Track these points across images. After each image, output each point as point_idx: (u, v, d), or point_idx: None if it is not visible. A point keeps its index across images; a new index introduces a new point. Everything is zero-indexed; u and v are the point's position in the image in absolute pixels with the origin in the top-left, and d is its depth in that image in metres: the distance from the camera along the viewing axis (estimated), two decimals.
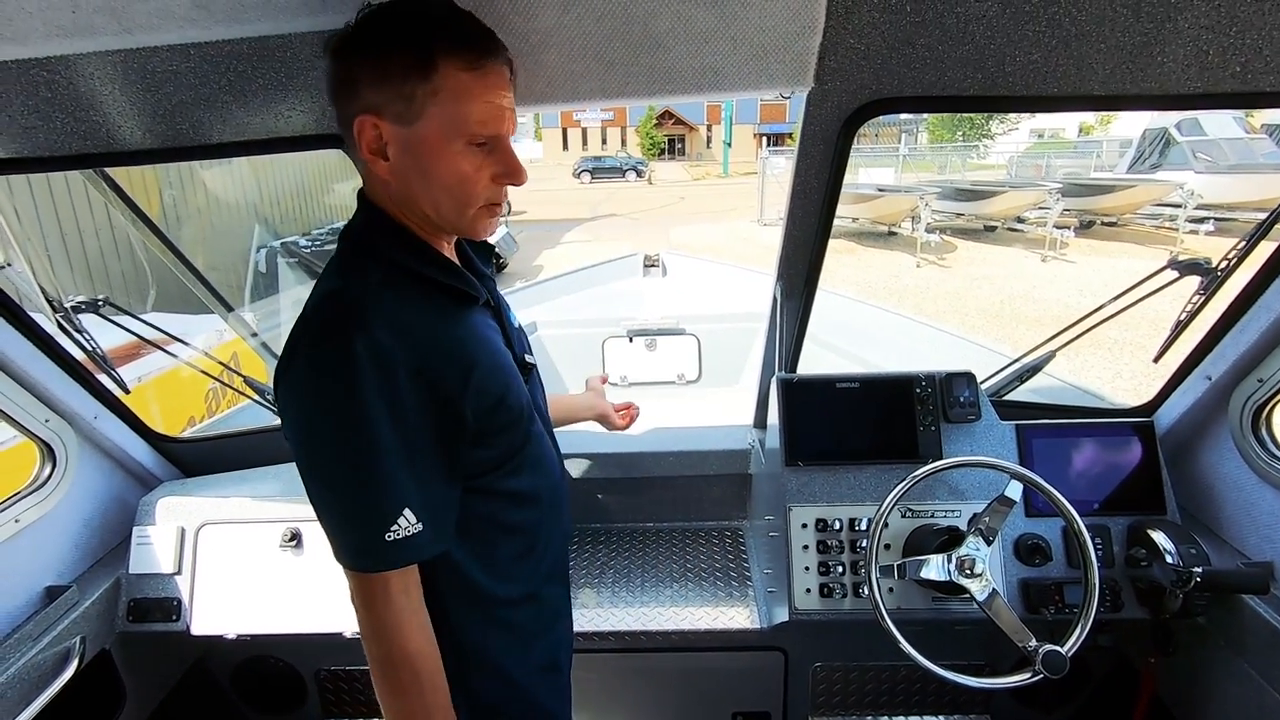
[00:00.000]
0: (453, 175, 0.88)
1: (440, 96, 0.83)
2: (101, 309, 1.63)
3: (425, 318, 0.89)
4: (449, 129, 0.85)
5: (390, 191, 0.91)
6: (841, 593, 1.51)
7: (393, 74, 0.82)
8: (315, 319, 0.87)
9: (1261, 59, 1.01)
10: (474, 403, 0.90)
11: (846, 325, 3.43)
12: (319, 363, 0.83)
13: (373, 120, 0.85)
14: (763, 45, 1.06)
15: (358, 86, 0.84)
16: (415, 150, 0.86)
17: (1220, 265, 1.39)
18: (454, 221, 0.93)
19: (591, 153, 42.32)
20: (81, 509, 1.69)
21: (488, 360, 0.94)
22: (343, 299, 0.86)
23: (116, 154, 1.22)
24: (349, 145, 0.91)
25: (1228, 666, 1.43)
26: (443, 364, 0.88)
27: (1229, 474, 1.51)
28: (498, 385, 0.95)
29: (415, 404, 0.85)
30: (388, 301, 0.86)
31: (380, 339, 0.82)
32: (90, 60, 1.04)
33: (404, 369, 0.84)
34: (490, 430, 0.94)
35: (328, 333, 0.84)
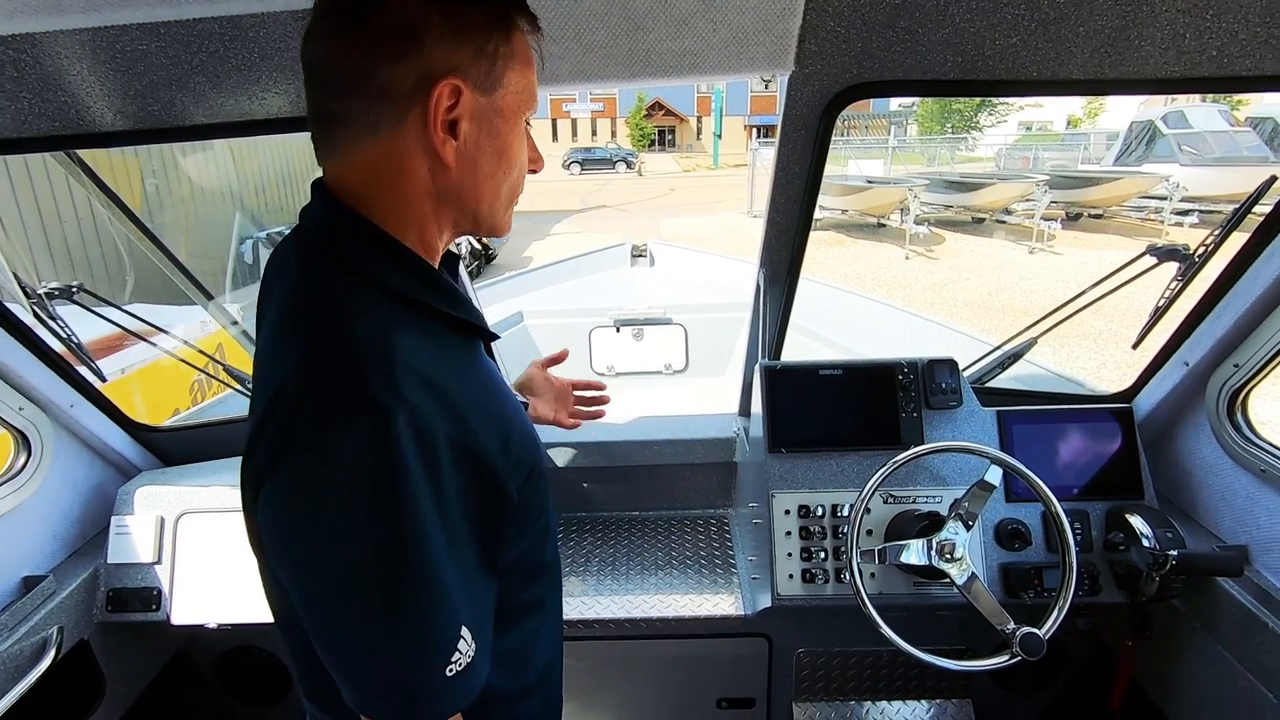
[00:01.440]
0: (519, 157, 0.75)
1: (515, 61, 0.70)
2: (76, 296, 1.61)
3: (446, 368, 0.68)
4: (520, 101, 0.72)
5: (438, 183, 0.71)
6: (824, 578, 1.52)
7: (476, 26, 0.66)
8: (312, 387, 0.61)
9: (1237, 43, 1.01)
10: (514, 470, 0.72)
11: (832, 315, 3.44)
12: (338, 452, 0.59)
13: (455, 84, 0.65)
14: (742, 28, 1.05)
15: (422, 40, 0.64)
16: (492, 125, 0.71)
17: (1197, 252, 1.40)
18: (500, 214, 0.78)
19: (581, 144, 42.15)
20: (59, 498, 1.67)
21: (517, 416, 0.76)
22: (351, 349, 0.62)
23: (86, 136, 1.19)
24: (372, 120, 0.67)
25: (1203, 648, 1.45)
26: (481, 424, 0.68)
27: (1205, 458, 1.53)
28: (530, 446, 0.77)
29: (457, 487, 0.64)
30: (406, 349, 0.64)
31: (418, 404, 0.61)
32: (57, 39, 1.02)
33: (444, 441, 0.63)
34: (527, 503, 0.76)
35: (346, 406, 0.60)
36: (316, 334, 0.64)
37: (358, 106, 0.66)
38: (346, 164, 0.70)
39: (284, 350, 0.66)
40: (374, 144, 0.68)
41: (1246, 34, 1.00)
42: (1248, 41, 1.01)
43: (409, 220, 0.71)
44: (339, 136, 0.69)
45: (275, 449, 0.61)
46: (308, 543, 0.60)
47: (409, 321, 0.67)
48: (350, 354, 0.62)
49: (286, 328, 0.68)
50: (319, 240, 0.71)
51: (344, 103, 0.67)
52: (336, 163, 0.71)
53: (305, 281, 0.69)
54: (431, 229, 0.74)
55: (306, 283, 0.69)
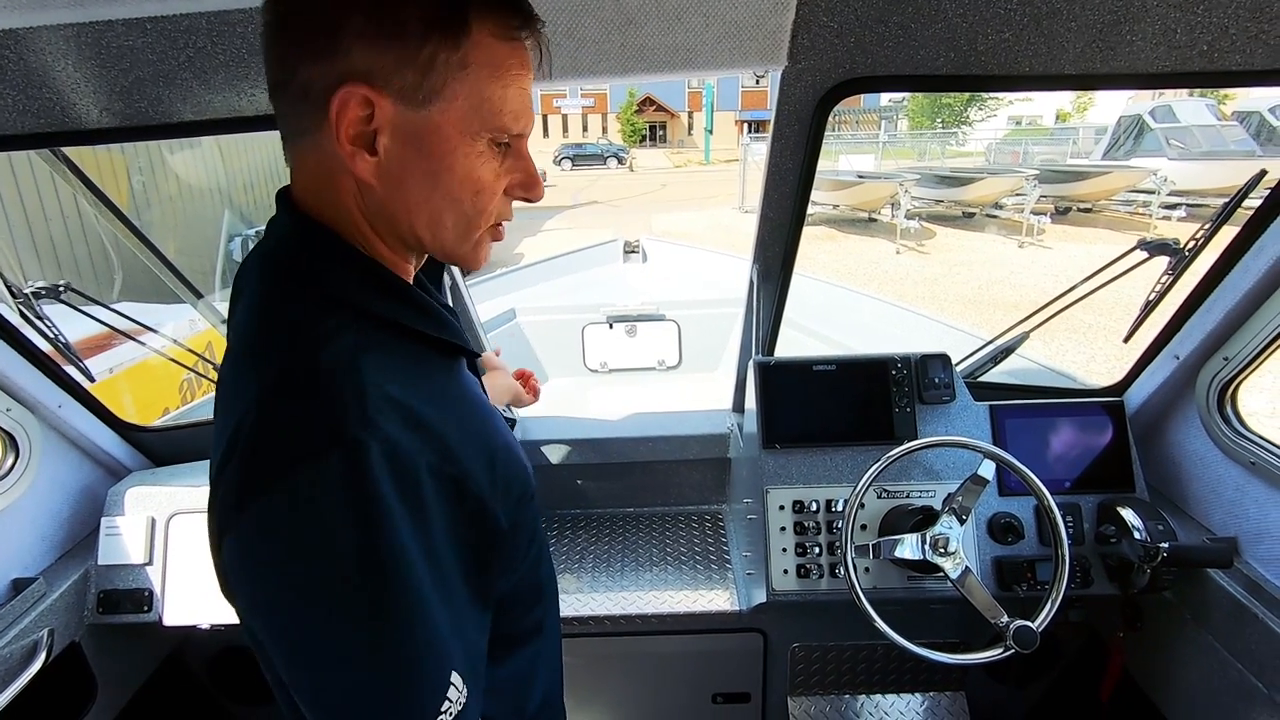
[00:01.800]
0: (468, 182, 0.64)
1: (469, 72, 0.60)
2: (63, 295, 1.59)
3: (424, 391, 0.62)
4: (473, 119, 0.62)
5: (365, 200, 0.64)
6: (818, 573, 1.52)
7: (407, 28, 0.58)
8: (275, 425, 0.56)
9: (1228, 37, 1.02)
10: (504, 500, 0.67)
11: (825, 310, 3.44)
12: (308, 493, 0.53)
13: (365, 93, 0.58)
14: (735, 23, 1.05)
15: (338, 39, 0.57)
16: (423, 143, 0.61)
17: (1188, 246, 1.41)
18: (451, 245, 0.67)
19: (572, 140, 42.03)
20: (48, 500, 1.65)
21: (503, 439, 0.70)
22: (316, 381, 0.57)
23: (72, 133, 1.18)
24: (301, 123, 0.62)
25: (1193, 639, 1.46)
26: (464, 452, 0.62)
27: (1195, 451, 1.54)
28: (518, 471, 0.71)
29: (444, 520, 0.59)
30: (378, 375, 0.58)
31: (394, 434, 0.56)
32: (41, 34, 1.01)
33: (427, 471, 0.58)
34: (517, 531, 0.70)
35: (315, 442, 0.54)
36: (277, 363, 0.59)
37: (285, 108, 0.62)
38: (296, 170, 0.66)
39: (243, 380, 0.60)
40: (306, 150, 0.63)
41: (1237, 29, 1.00)
42: (1238, 36, 1.01)
43: (355, 238, 0.66)
44: (283, 140, 0.65)
45: (238, 493, 0.55)
46: (281, 593, 0.55)
47: (381, 343, 0.62)
48: (314, 384, 0.56)
49: (245, 355, 0.62)
50: (280, 254, 0.65)
51: (276, 102, 0.63)
52: (291, 169, 0.66)
53: (265, 302, 0.63)
54: (380, 247, 0.67)
55: (266, 303, 0.63)
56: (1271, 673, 1.28)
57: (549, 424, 2.08)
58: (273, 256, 0.65)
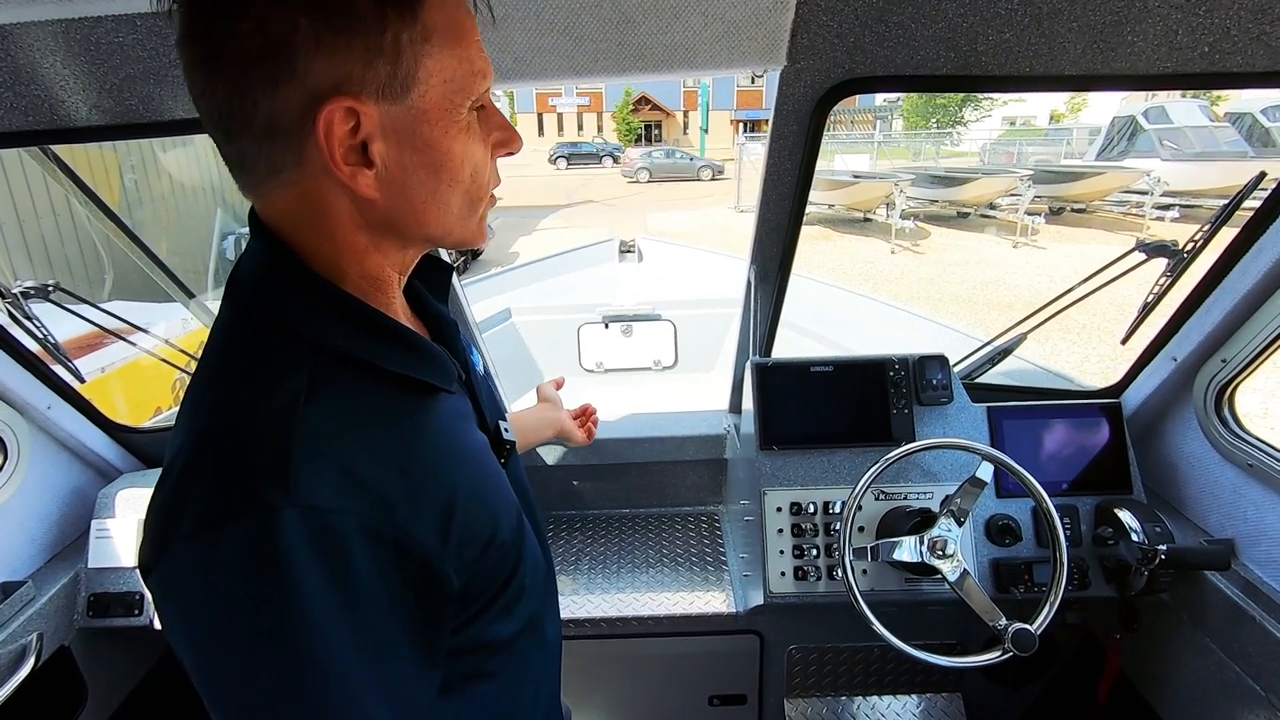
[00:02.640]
0: (467, 160, 0.61)
1: (434, 43, 0.55)
2: (52, 295, 1.57)
3: (379, 438, 0.57)
4: (452, 91, 0.58)
5: (367, 218, 0.59)
6: (816, 575, 1.52)
7: (362, 18, 0.52)
8: (195, 481, 0.52)
9: (1229, 39, 1.01)
10: (458, 554, 0.59)
11: (822, 311, 3.44)
12: (217, 559, 0.49)
13: (347, 105, 0.53)
14: (734, 22, 1.04)
15: (292, 54, 0.51)
16: (417, 136, 0.57)
17: (1186, 248, 1.41)
18: (459, 231, 0.64)
19: (568, 139, 41.96)
20: (36, 502, 1.63)
21: (471, 481, 0.64)
22: (241, 438, 0.52)
23: (61, 131, 1.16)
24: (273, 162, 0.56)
25: (1190, 641, 1.46)
26: (412, 509, 0.56)
27: (1193, 453, 1.54)
28: (486, 515, 0.64)
29: (379, 586, 0.53)
30: (321, 425, 0.53)
31: (319, 500, 0.51)
32: (29, 30, 0.99)
33: (358, 536, 0.52)
34: (477, 578, 0.63)
35: (226, 505, 0.50)
36: (214, 408, 0.55)
37: (249, 148, 0.55)
38: (266, 204, 0.60)
39: (186, 417, 0.57)
40: (283, 187, 0.57)
41: (1239, 30, 1.00)
42: (1240, 38, 1.01)
43: (344, 257, 0.61)
44: (246, 181, 0.59)
45: (155, 542, 0.52)
46: (182, 643, 0.51)
47: (338, 382, 0.57)
48: (243, 439, 0.52)
49: (194, 390, 0.58)
50: (244, 284, 0.60)
51: (234, 147, 0.56)
52: (256, 202, 0.60)
53: (226, 332, 0.60)
54: (373, 260, 0.63)
55: (226, 334, 0.60)
56: (1269, 675, 1.28)
57: None
58: (240, 283, 0.61)
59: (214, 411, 0.55)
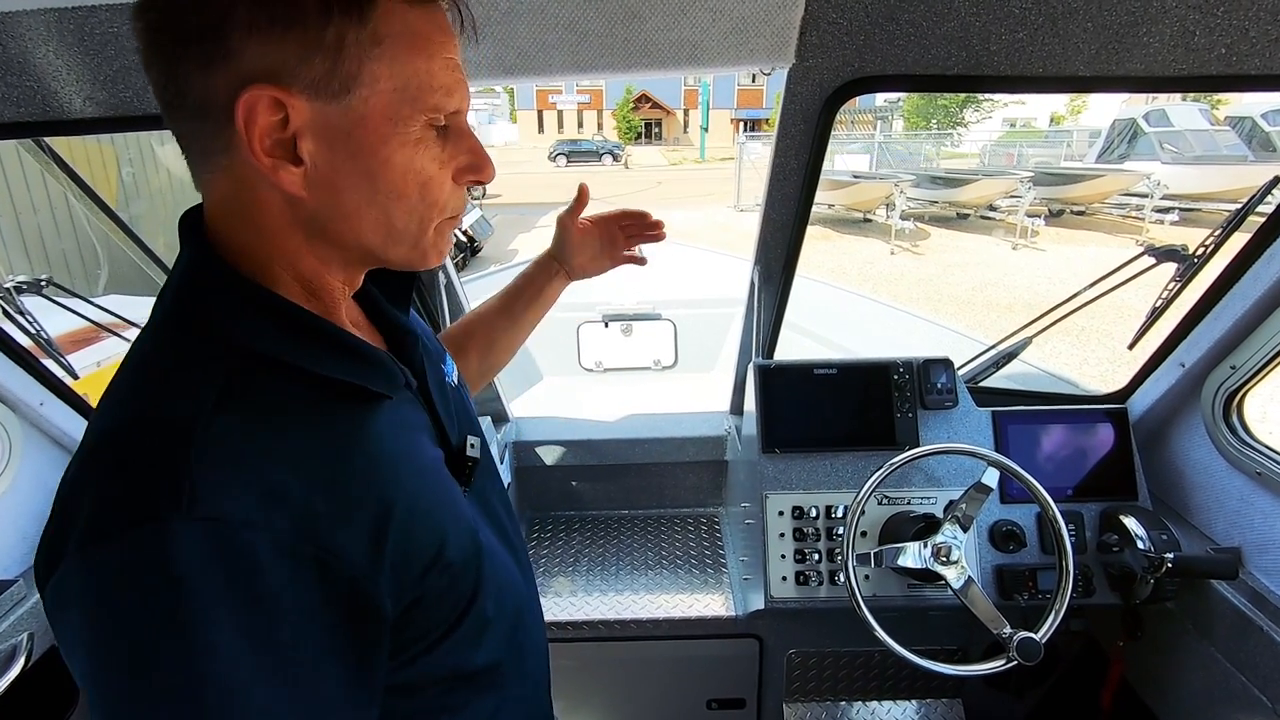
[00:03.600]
0: (411, 174, 0.57)
1: (385, 48, 0.53)
2: (45, 290, 1.55)
3: (303, 447, 0.53)
4: (402, 102, 0.54)
5: (298, 216, 0.56)
6: (818, 580, 1.50)
7: (304, 9, 0.50)
8: (90, 489, 0.48)
9: (1247, 40, 1.00)
10: (394, 575, 0.54)
11: (823, 311, 3.43)
12: (107, 572, 0.45)
13: (272, 94, 0.50)
14: (743, 18, 1.02)
15: (228, 33, 0.49)
16: (351, 140, 0.54)
17: (1196, 253, 1.39)
18: (405, 250, 0.61)
19: (568, 136, 41.92)
20: (28, 500, 1.61)
21: (411, 495, 0.58)
22: (141, 446, 0.48)
23: (54, 123, 1.13)
24: (207, 144, 0.54)
25: (1195, 650, 1.45)
26: (337, 524, 0.51)
27: (1200, 460, 1.52)
28: (429, 533, 0.58)
29: (294, 608, 0.48)
30: (235, 432, 0.50)
31: (224, 513, 0.46)
32: (21, 19, 0.97)
33: (269, 552, 0.47)
34: (421, 604, 0.58)
35: (118, 518, 0.46)
36: (118, 413, 0.52)
37: (185, 127, 0.54)
38: (205, 194, 0.58)
39: (91, 423, 0.53)
40: (216, 171, 0.55)
41: (1257, 32, 0.98)
42: (1258, 39, 0.99)
43: (276, 256, 0.58)
44: (190, 163, 0.57)
45: (45, 554, 0.48)
46: (75, 659, 0.47)
47: (261, 388, 0.53)
48: (141, 444, 0.48)
49: (105, 395, 0.54)
50: (168, 285, 0.57)
51: (172, 122, 0.54)
52: (200, 188, 0.58)
53: (143, 337, 0.56)
54: (308, 264, 0.59)
55: (142, 340, 0.56)
56: (1275, 685, 1.26)
57: (543, 424, 2.05)
58: (165, 290, 0.57)
59: (117, 414, 0.51)
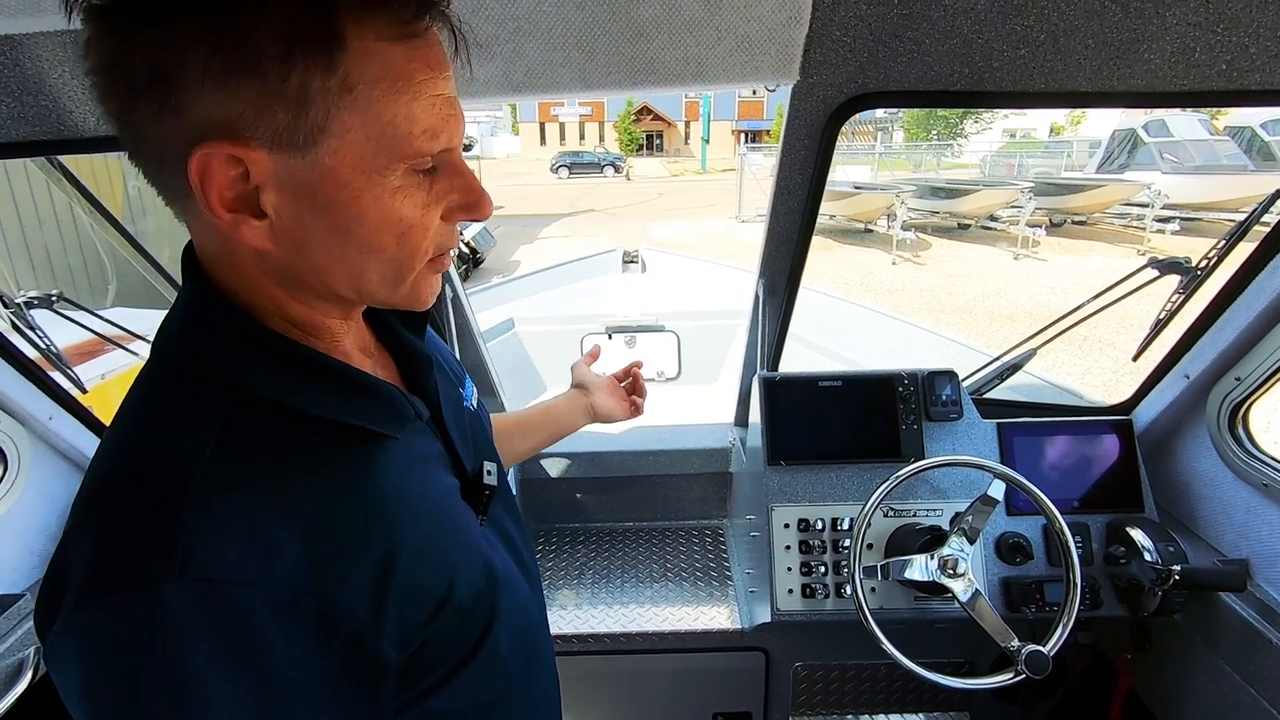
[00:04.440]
0: (387, 226, 0.52)
1: (358, 95, 0.48)
2: (55, 305, 1.56)
3: (302, 494, 0.50)
4: (377, 152, 0.49)
5: (268, 264, 0.53)
6: (824, 593, 1.50)
7: (261, 56, 0.45)
8: (83, 545, 0.46)
9: (1247, 56, 1.01)
10: (399, 622, 0.52)
11: (826, 323, 3.43)
12: (100, 633, 0.43)
13: (228, 151, 0.46)
14: (747, 36, 1.03)
15: (177, 84, 0.45)
16: (318, 195, 0.49)
17: (1200, 264, 1.40)
18: (383, 297, 0.57)
19: (569, 148, 42.17)
20: (36, 514, 1.61)
21: (419, 537, 0.56)
22: (134, 499, 0.47)
23: (68, 141, 1.15)
24: (171, 190, 0.51)
25: (1204, 663, 1.44)
26: (339, 576, 0.49)
27: (1206, 472, 1.52)
28: (438, 575, 0.56)
29: (293, 667, 0.46)
30: (229, 481, 0.48)
31: (217, 572, 0.44)
32: (37, 41, 0.98)
33: (266, 612, 0.45)
34: (430, 645, 0.56)
35: (106, 575, 0.44)
36: (105, 464, 0.50)
37: (147, 170, 0.50)
38: (192, 233, 0.55)
39: (87, 474, 0.51)
40: (187, 215, 0.53)
41: (1257, 48, 0.99)
42: (1258, 55, 1.00)
43: (260, 303, 0.55)
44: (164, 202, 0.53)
45: (42, 611, 0.47)
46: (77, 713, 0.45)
47: (259, 432, 0.51)
48: (133, 497, 0.46)
49: (101, 442, 0.53)
50: (169, 325, 0.55)
51: (135, 163, 0.51)
52: None
53: (140, 379, 0.54)
54: (296, 310, 0.56)
55: (138, 382, 0.54)
56: None
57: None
58: (167, 323, 0.55)
59: (106, 465, 0.49)
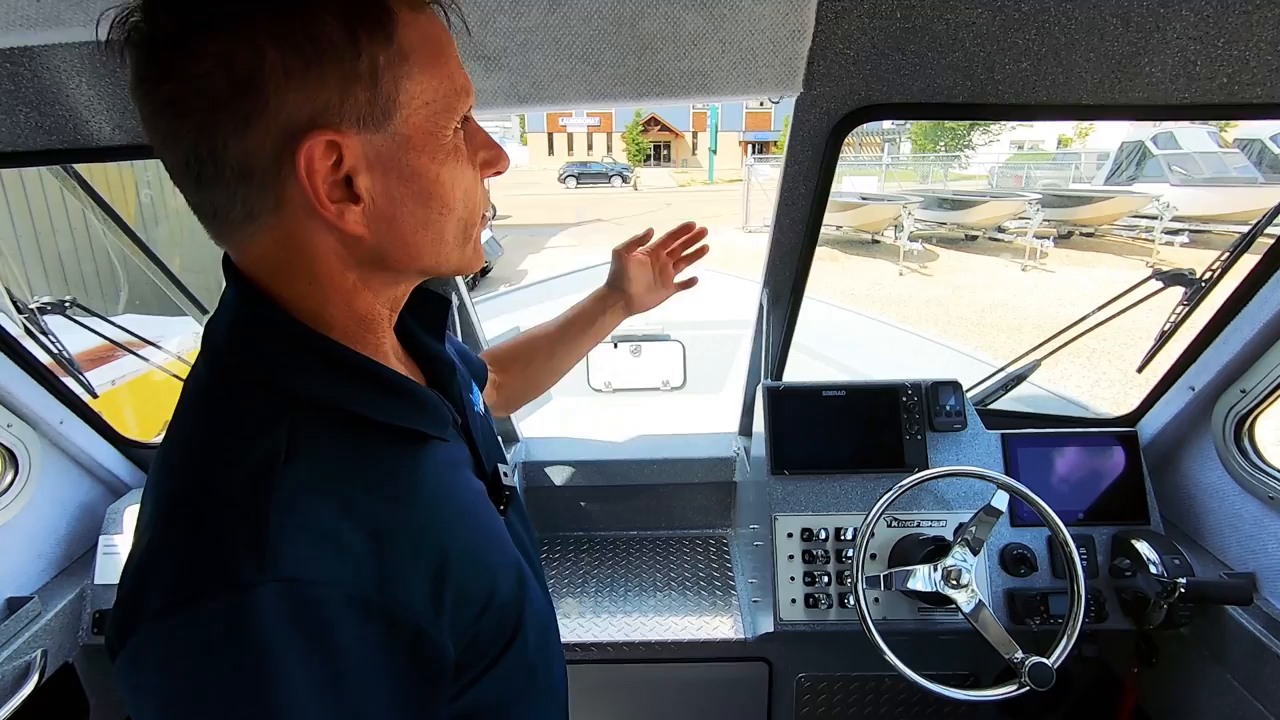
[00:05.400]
0: (457, 185, 0.57)
1: (412, 62, 0.52)
2: (69, 310, 1.58)
3: (366, 499, 0.52)
4: (436, 112, 0.54)
5: (355, 256, 0.56)
6: (827, 603, 1.49)
7: (332, 42, 0.48)
8: (165, 557, 0.47)
9: (1248, 70, 1.01)
10: (454, 619, 0.54)
11: (832, 333, 3.43)
12: (184, 639, 0.44)
13: (327, 138, 0.49)
14: (752, 49, 1.05)
15: (262, 88, 0.47)
16: (403, 164, 0.53)
17: (1204, 276, 1.40)
18: (455, 258, 0.61)
19: (577, 158, 42.31)
20: (45, 517, 1.63)
21: (465, 539, 0.59)
22: (215, 509, 0.48)
23: (84, 150, 1.17)
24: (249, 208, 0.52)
25: (1210, 677, 1.43)
26: (400, 575, 0.51)
27: (1212, 484, 1.51)
28: (482, 575, 0.60)
29: (365, 661, 0.48)
30: (302, 487, 0.49)
31: (299, 572, 0.46)
32: (56, 52, 1.01)
33: (343, 608, 0.47)
34: (477, 646, 0.59)
35: (197, 581, 0.45)
36: (184, 474, 0.51)
37: (222, 196, 0.51)
38: (241, 251, 0.56)
39: (155, 484, 0.53)
40: (261, 232, 0.53)
41: (1257, 61, 1.00)
42: (1259, 69, 1.01)
43: (330, 299, 0.57)
44: (219, 230, 0.55)
45: (121, 621, 0.47)
46: None
47: (322, 439, 0.53)
48: (215, 506, 0.48)
49: (166, 450, 0.54)
50: (219, 332, 0.57)
51: (205, 195, 0.52)
52: (231, 250, 0.57)
53: (197, 389, 0.56)
54: (363, 299, 0.59)
55: (196, 392, 0.56)
56: None
57: (553, 445, 2.06)
58: (215, 332, 0.57)
59: (185, 475, 0.51)
